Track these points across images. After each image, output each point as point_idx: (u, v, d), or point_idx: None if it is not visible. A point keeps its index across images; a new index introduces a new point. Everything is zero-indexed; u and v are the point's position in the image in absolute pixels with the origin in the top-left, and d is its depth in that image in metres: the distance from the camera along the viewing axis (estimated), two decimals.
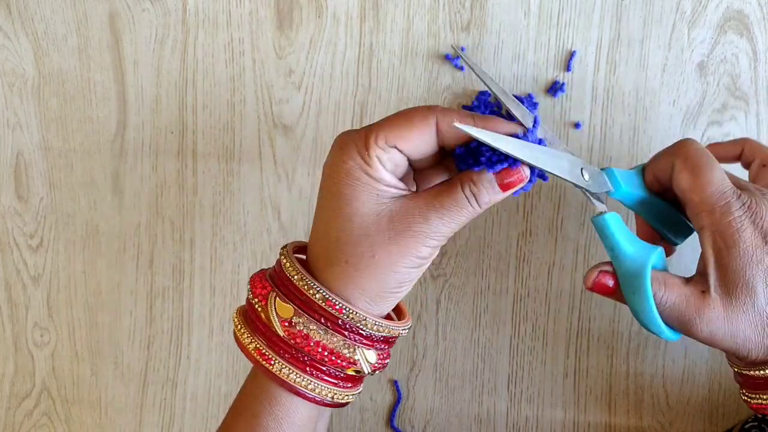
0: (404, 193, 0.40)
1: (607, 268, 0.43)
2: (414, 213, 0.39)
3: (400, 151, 0.39)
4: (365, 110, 0.57)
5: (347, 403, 0.43)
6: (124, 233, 0.60)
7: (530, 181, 0.41)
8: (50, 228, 0.60)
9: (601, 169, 0.45)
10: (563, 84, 0.56)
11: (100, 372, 0.61)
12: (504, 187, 0.40)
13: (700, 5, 0.55)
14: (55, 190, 0.60)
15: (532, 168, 0.40)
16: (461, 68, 0.56)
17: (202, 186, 0.59)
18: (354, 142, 0.39)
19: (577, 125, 0.56)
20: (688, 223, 0.46)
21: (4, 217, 0.61)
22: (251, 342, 0.41)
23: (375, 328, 0.40)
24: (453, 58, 0.56)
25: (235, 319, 0.42)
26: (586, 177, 0.43)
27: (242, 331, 0.41)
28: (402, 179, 0.41)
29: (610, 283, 0.43)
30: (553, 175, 0.41)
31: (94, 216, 0.60)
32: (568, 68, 0.56)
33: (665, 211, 0.46)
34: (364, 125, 0.57)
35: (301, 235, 0.58)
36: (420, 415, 0.59)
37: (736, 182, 0.42)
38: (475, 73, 0.42)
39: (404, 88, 0.57)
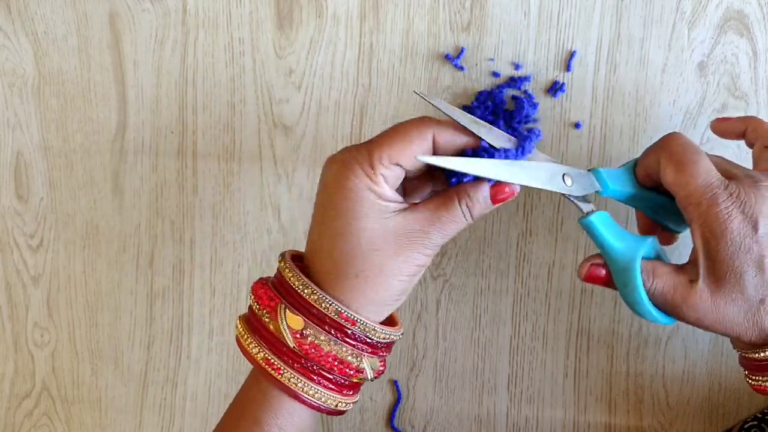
0: (403, 206, 0.42)
1: (598, 260, 0.45)
2: (416, 227, 0.41)
3: (401, 167, 0.41)
4: (365, 110, 0.57)
5: (345, 411, 0.44)
6: (124, 233, 0.60)
7: None
8: (50, 228, 0.60)
9: (588, 170, 0.45)
10: (563, 84, 0.56)
11: (100, 372, 0.61)
12: (495, 201, 0.42)
13: (700, 5, 0.55)
14: (55, 190, 0.60)
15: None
16: (461, 68, 0.56)
17: (202, 186, 0.59)
18: (357, 161, 0.40)
19: (577, 125, 0.56)
20: None
21: (4, 217, 0.61)
22: (259, 351, 0.42)
23: (382, 336, 0.42)
24: (453, 58, 0.56)
25: (240, 328, 0.43)
26: (568, 183, 0.44)
27: (249, 340, 0.42)
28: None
29: (602, 273, 0.44)
30: (532, 187, 0.43)
31: (94, 216, 0.60)
32: (568, 68, 0.56)
33: (662, 202, 0.46)
34: (362, 126, 0.57)
35: (301, 235, 0.59)
36: (420, 415, 0.59)
37: (726, 170, 0.43)
38: (442, 111, 0.43)
39: (404, 88, 0.57)
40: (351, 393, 0.43)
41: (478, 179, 0.42)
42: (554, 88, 0.56)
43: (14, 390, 0.62)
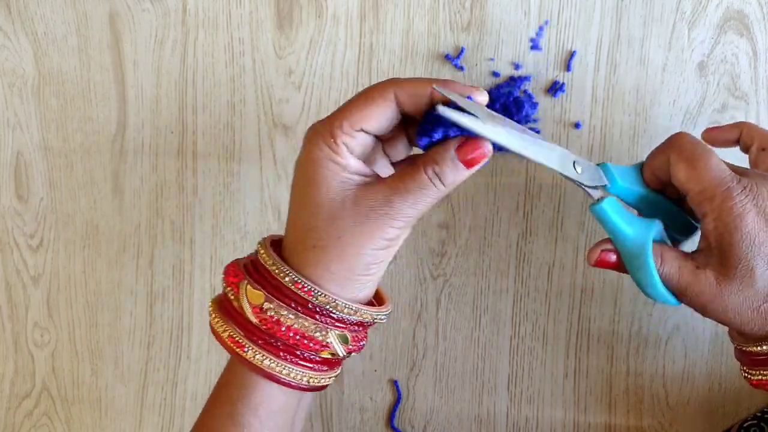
0: (370, 178, 0.41)
1: (608, 246, 0.44)
2: (377, 197, 0.39)
3: (366, 132, 0.40)
4: None
5: (325, 386, 0.43)
6: (124, 233, 0.60)
7: (497, 150, 0.40)
8: (50, 228, 0.60)
9: (597, 165, 0.45)
10: (563, 84, 0.56)
11: (100, 372, 0.61)
12: (468, 164, 0.39)
13: (700, 5, 0.55)
14: (55, 190, 0.60)
15: (500, 147, 0.39)
16: (461, 68, 0.56)
17: (202, 186, 0.59)
18: (320, 133, 0.39)
19: (577, 125, 0.56)
20: (691, 220, 0.47)
21: (4, 217, 0.61)
22: (225, 330, 0.41)
23: (345, 311, 0.40)
24: (453, 58, 0.56)
25: (210, 308, 0.43)
26: (579, 170, 0.43)
27: (216, 319, 0.42)
28: (371, 157, 0.42)
29: (613, 258, 0.44)
30: (542, 164, 0.41)
31: (94, 216, 0.60)
32: (568, 68, 0.56)
33: (666, 208, 0.46)
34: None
35: None
36: (420, 415, 0.59)
37: (734, 169, 0.43)
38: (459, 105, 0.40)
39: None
40: (326, 369, 0.42)
41: (444, 141, 0.39)
42: (554, 88, 0.56)
43: (14, 390, 0.62)
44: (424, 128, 0.40)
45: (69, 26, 0.59)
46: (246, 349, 0.40)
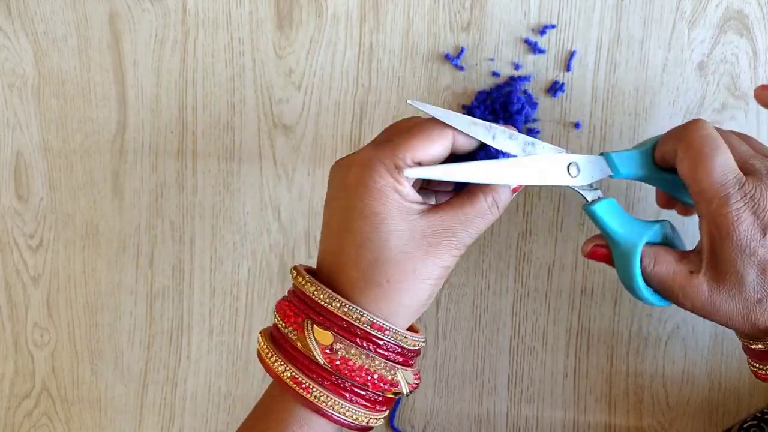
0: (426, 207, 0.41)
1: (601, 241, 0.45)
2: (442, 226, 0.40)
3: (422, 166, 0.40)
4: (365, 110, 0.57)
5: (374, 427, 0.42)
6: (124, 233, 0.60)
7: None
8: (50, 228, 0.60)
9: (600, 154, 0.46)
10: (563, 84, 0.56)
11: (100, 372, 0.61)
12: (515, 189, 0.43)
13: (700, 5, 0.55)
14: (55, 190, 0.60)
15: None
16: (461, 68, 0.56)
17: (202, 186, 0.59)
18: (382, 162, 0.39)
19: (577, 125, 0.56)
20: None
21: (4, 217, 0.61)
22: (286, 370, 0.40)
23: (412, 343, 0.41)
24: (453, 58, 0.56)
25: (263, 343, 0.42)
26: (574, 173, 0.44)
27: (274, 358, 0.40)
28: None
29: (604, 251, 0.45)
30: (535, 185, 0.43)
31: (94, 216, 0.60)
32: (568, 68, 0.56)
33: (678, 181, 0.46)
34: (362, 126, 0.57)
35: (301, 235, 0.58)
36: (420, 415, 0.59)
37: (747, 163, 0.42)
38: (437, 117, 0.42)
39: (404, 88, 0.57)
40: (384, 408, 0.42)
41: None
42: (554, 88, 0.56)
43: (14, 390, 0.62)
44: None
45: (69, 26, 0.59)
46: (311, 391, 0.39)
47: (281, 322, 0.41)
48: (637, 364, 0.57)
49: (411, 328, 0.43)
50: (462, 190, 0.43)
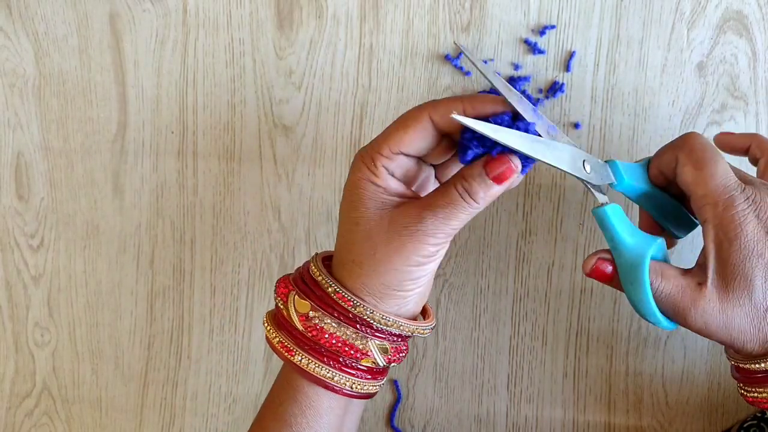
0: (405, 199, 0.42)
1: (606, 255, 0.44)
2: (411, 214, 0.41)
3: (406, 155, 0.42)
4: (365, 110, 0.58)
5: (370, 394, 0.45)
6: (125, 233, 0.60)
7: (524, 167, 0.41)
8: (51, 228, 0.60)
9: (605, 162, 0.45)
10: (563, 84, 0.56)
11: (100, 372, 0.61)
12: (497, 180, 0.40)
13: (699, 6, 0.55)
14: (56, 190, 0.60)
15: (524, 156, 0.40)
16: (461, 68, 0.56)
17: (202, 186, 0.59)
18: (362, 158, 0.42)
19: (576, 125, 0.56)
20: (692, 217, 0.47)
21: (5, 217, 0.61)
22: (276, 337, 0.44)
23: (383, 322, 0.42)
24: (453, 58, 0.56)
25: (265, 319, 0.46)
26: (588, 169, 0.43)
27: (269, 328, 0.45)
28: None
29: (609, 269, 0.44)
30: (553, 166, 0.41)
31: (94, 216, 0.60)
32: (567, 68, 0.56)
33: (669, 204, 0.46)
34: (362, 127, 0.57)
35: (301, 235, 0.59)
36: (420, 415, 0.59)
37: (742, 176, 0.42)
38: (477, 68, 0.43)
39: (404, 88, 0.57)
40: (369, 377, 0.44)
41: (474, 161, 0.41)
42: (554, 88, 0.56)
43: (15, 390, 0.62)
44: (462, 145, 0.41)
45: (69, 26, 0.59)
46: (294, 354, 0.43)
47: (274, 294, 0.45)
48: (637, 364, 0.57)
49: (425, 312, 0.46)
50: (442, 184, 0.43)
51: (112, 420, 0.61)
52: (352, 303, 0.42)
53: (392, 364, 0.44)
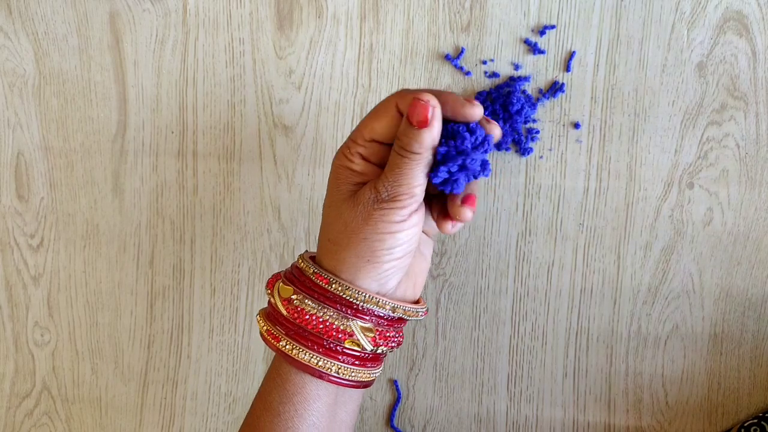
0: None
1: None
2: (371, 185, 0.43)
3: (379, 142, 0.44)
4: (365, 110, 0.57)
5: (362, 383, 0.44)
6: (125, 233, 0.60)
7: (485, 151, 0.43)
8: (51, 228, 0.60)
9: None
10: (563, 84, 0.56)
11: (100, 371, 0.61)
12: (421, 125, 0.42)
13: (699, 6, 0.55)
14: (56, 190, 0.60)
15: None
16: (461, 68, 0.56)
17: (202, 186, 0.59)
18: (341, 148, 0.45)
19: (576, 125, 0.56)
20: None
21: (5, 216, 0.61)
22: (264, 326, 0.45)
23: (360, 298, 0.43)
24: (453, 58, 0.56)
25: (257, 317, 0.46)
26: None
27: (259, 317, 0.46)
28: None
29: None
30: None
31: (94, 216, 0.60)
32: (567, 68, 0.56)
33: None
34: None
35: (301, 235, 0.59)
36: (420, 415, 0.59)
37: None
38: None
39: (404, 88, 0.57)
40: (358, 363, 0.44)
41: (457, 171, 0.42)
42: (554, 88, 0.56)
43: (14, 389, 0.62)
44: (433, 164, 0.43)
45: (69, 26, 0.59)
46: (279, 340, 0.43)
47: (266, 288, 0.47)
48: (637, 364, 0.57)
49: (418, 302, 0.46)
50: None
51: (112, 420, 0.61)
52: (328, 281, 0.43)
53: (382, 350, 0.44)
